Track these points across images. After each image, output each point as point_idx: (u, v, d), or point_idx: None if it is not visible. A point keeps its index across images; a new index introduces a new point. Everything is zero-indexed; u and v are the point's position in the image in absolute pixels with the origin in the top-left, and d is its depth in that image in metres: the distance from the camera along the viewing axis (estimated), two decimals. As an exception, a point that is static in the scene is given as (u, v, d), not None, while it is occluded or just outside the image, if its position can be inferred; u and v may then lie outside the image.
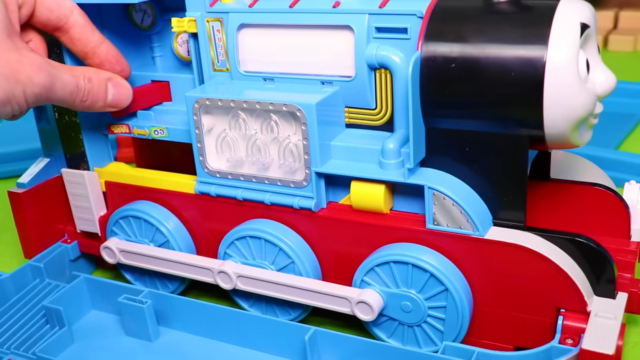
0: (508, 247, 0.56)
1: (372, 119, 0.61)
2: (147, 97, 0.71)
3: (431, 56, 0.55)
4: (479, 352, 0.56)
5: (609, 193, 0.62)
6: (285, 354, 0.63)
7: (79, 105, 0.63)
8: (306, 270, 0.64)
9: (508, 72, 0.52)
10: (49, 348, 0.64)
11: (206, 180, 0.66)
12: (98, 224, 0.75)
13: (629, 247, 0.61)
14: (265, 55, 0.64)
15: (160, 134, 0.70)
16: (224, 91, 0.63)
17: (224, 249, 0.68)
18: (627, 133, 1.06)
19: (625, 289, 0.58)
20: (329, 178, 0.62)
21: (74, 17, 0.63)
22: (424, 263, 0.58)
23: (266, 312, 0.68)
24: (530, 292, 0.57)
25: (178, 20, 0.65)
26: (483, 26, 0.54)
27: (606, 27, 1.57)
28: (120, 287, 0.69)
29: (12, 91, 0.56)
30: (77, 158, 0.74)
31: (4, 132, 1.19)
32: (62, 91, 0.60)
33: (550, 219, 0.64)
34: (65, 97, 0.61)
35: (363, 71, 0.59)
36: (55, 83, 0.59)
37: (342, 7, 0.59)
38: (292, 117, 0.60)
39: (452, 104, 0.55)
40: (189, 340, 0.67)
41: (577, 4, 0.54)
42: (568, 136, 0.54)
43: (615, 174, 0.83)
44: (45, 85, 0.58)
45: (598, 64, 0.55)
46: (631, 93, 1.14)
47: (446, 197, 0.57)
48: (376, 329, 0.63)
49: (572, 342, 0.55)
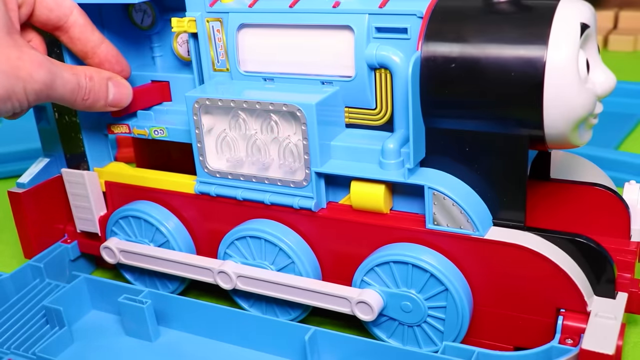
0: (508, 247, 0.56)
1: (372, 119, 0.61)
2: (147, 97, 0.71)
3: (431, 56, 0.55)
4: (479, 352, 0.56)
5: (609, 193, 0.62)
6: (285, 354, 0.63)
7: (80, 103, 0.63)
8: (306, 270, 0.64)
9: (508, 72, 0.52)
10: (49, 348, 0.64)
11: (206, 180, 0.66)
12: (98, 224, 0.75)
13: (629, 247, 0.61)
14: (265, 55, 0.64)
15: (160, 134, 0.70)
16: (224, 91, 0.63)
17: (224, 249, 0.68)
18: (627, 133, 1.06)
19: (625, 289, 0.58)
20: (329, 178, 0.62)
21: (74, 17, 0.63)
22: (424, 263, 0.58)
23: (266, 312, 0.68)
24: (530, 292, 0.57)
25: (178, 20, 0.65)
26: (483, 26, 0.54)
27: (606, 27, 1.57)
28: (120, 287, 0.69)
29: (13, 87, 0.56)
30: (77, 158, 0.74)
31: (4, 132, 1.19)
32: (62, 89, 0.60)
33: (550, 219, 0.64)
34: (66, 95, 0.61)
35: (363, 71, 0.59)
36: (55, 80, 0.59)
37: (342, 7, 0.59)
38: (292, 117, 0.60)
39: (452, 104, 0.55)
40: (189, 340, 0.67)
41: (577, 4, 0.54)
42: (568, 136, 0.54)
43: (615, 174, 0.83)
44: (46, 82, 0.58)
45: (598, 64, 0.55)
46: (631, 93, 1.14)
47: (446, 197, 0.57)
48: (376, 329, 0.63)
49: (572, 342, 0.55)
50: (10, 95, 0.56)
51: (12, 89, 0.56)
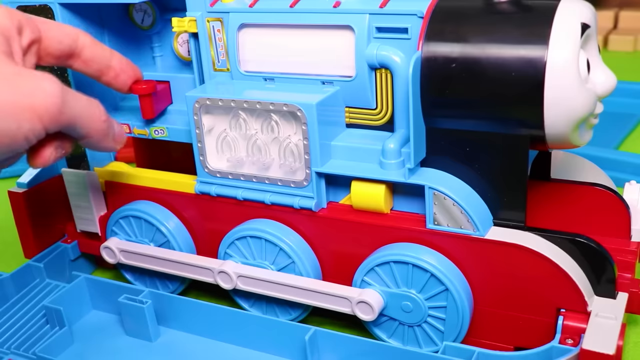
0: (508, 247, 0.56)
1: (373, 119, 0.61)
2: (167, 95, 0.70)
3: (432, 56, 0.55)
4: (479, 352, 0.56)
5: (609, 193, 0.62)
6: (285, 354, 0.63)
7: (98, 126, 0.55)
8: (306, 270, 0.64)
9: (508, 72, 0.52)
10: (49, 348, 0.64)
11: (206, 180, 0.66)
12: (98, 223, 0.75)
13: (629, 247, 0.61)
14: (266, 55, 0.63)
15: (160, 133, 0.70)
16: (224, 91, 0.63)
17: (224, 249, 0.68)
18: (627, 133, 1.06)
19: (626, 289, 0.58)
20: (329, 178, 0.62)
21: (82, 40, 0.60)
22: (424, 263, 0.58)
23: (266, 312, 0.68)
24: (530, 292, 0.57)
25: (178, 20, 0.65)
26: (483, 26, 0.54)
27: (606, 27, 1.57)
28: (120, 287, 0.69)
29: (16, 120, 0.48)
30: (77, 158, 0.74)
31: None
32: (75, 103, 0.52)
33: (550, 219, 0.64)
34: (83, 111, 0.53)
35: (363, 71, 0.59)
36: (67, 96, 0.51)
37: (342, 7, 0.59)
38: (292, 117, 0.60)
39: (453, 104, 0.55)
40: (189, 340, 0.67)
41: (578, 4, 0.54)
42: (568, 136, 0.54)
43: (615, 174, 0.83)
44: (54, 95, 0.50)
45: (598, 64, 0.55)
46: (631, 93, 1.14)
47: (447, 197, 0.57)
48: (376, 329, 0.63)
49: (572, 342, 0.55)
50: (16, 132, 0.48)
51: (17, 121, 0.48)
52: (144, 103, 0.67)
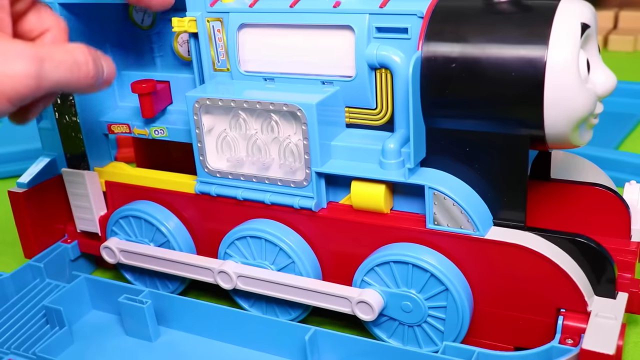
0: (508, 247, 0.56)
1: (373, 119, 0.61)
2: (166, 95, 0.70)
3: (432, 56, 0.55)
4: (479, 352, 0.56)
5: (609, 193, 0.62)
6: (285, 354, 0.63)
7: (85, 82, 0.50)
8: (306, 270, 0.64)
9: (508, 72, 0.52)
10: (49, 348, 0.64)
11: (206, 180, 0.66)
12: (98, 223, 0.75)
13: (629, 247, 0.61)
14: (266, 55, 0.63)
15: (160, 133, 0.70)
16: (224, 91, 0.63)
17: (224, 249, 0.68)
18: (627, 133, 1.06)
19: (626, 289, 0.58)
20: (329, 178, 0.62)
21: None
22: (424, 263, 0.58)
23: (266, 312, 0.68)
24: (530, 292, 0.57)
25: (178, 20, 0.65)
26: (483, 26, 0.54)
27: (606, 27, 1.57)
28: (120, 287, 0.69)
29: None
30: (77, 158, 0.74)
31: (4, 132, 1.19)
32: (56, 72, 0.48)
33: (550, 219, 0.64)
34: (65, 76, 0.49)
35: (363, 71, 0.59)
36: (43, 67, 0.47)
37: (342, 7, 0.59)
38: (292, 117, 0.60)
39: (453, 104, 0.55)
40: (189, 340, 0.67)
41: (578, 4, 0.54)
42: (568, 136, 0.54)
43: (615, 174, 0.83)
44: (28, 74, 0.46)
45: (598, 64, 0.55)
46: (631, 93, 1.14)
47: (447, 197, 0.57)
48: (376, 329, 0.63)
49: (572, 342, 0.55)
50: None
51: None
52: (144, 102, 0.68)
